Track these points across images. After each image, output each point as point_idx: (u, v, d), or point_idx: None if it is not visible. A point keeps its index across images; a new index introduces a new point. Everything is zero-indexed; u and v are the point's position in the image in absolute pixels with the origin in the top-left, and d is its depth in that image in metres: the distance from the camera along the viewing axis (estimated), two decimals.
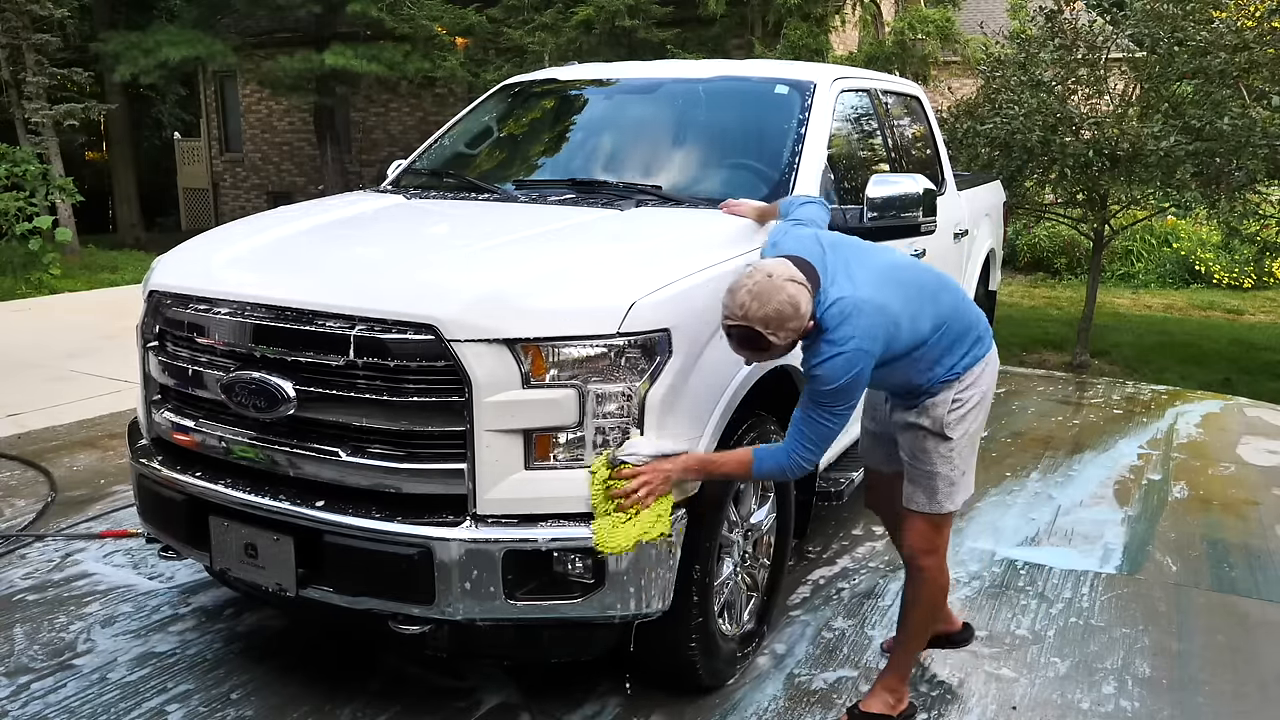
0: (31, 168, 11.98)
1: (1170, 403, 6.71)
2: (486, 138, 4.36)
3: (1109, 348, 9.07)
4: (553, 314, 2.47)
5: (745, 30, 13.02)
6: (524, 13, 13.10)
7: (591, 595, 2.51)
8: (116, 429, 5.47)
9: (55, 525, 4.22)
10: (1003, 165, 7.83)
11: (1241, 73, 7.36)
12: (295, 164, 19.42)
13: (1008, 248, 9.31)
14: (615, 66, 4.57)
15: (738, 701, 2.99)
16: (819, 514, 3.74)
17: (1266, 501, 4.82)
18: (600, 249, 2.91)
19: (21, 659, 3.16)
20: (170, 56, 14.56)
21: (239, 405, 2.68)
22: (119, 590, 3.64)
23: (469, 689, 3.02)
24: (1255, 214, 8.03)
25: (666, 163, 3.79)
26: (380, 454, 2.55)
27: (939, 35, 12.58)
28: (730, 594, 3.02)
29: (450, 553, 2.43)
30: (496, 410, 2.42)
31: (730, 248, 2.97)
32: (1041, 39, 8.24)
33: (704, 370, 2.64)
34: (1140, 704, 3.05)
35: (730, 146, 3.83)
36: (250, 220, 3.54)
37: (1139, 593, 3.80)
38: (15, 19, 13.26)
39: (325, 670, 3.14)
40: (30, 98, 13.52)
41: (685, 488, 2.59)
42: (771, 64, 4.45)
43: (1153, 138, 7.17)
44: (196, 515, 2.79)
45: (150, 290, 3.01)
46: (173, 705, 2.91)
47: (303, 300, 2.62)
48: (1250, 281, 13.17)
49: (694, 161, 3.76)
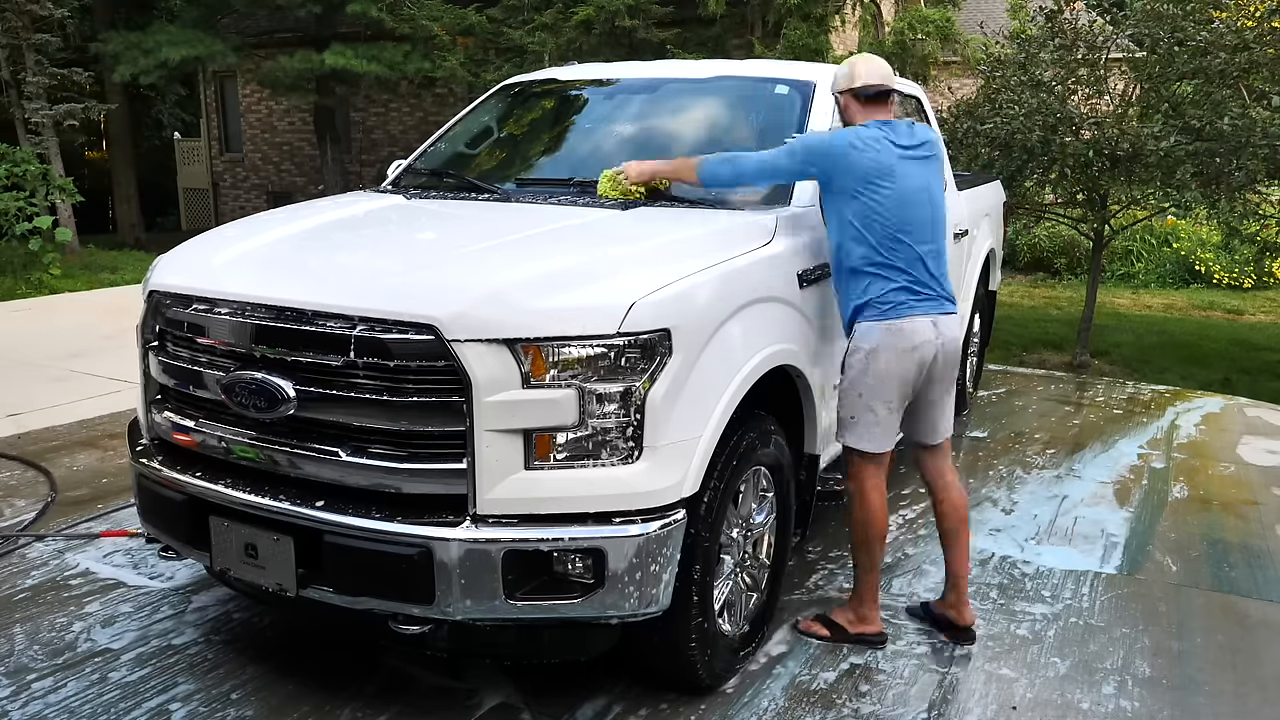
0: (31, 168, 11.98)
1: (1170, 403, 6.71)
2: (486, 138, 4.37)
3: (1109, 348, 9.08)
4: (553, 314, 2.47)
5: (745, 30, 13.02)
6: (524, 13, 13.09)
7: (591, 595, 2.51)
8: (116, 429, 5.47)
9: (55, 525, 4.22)
10: (1003, 165, 7.84)
11: (1241, 73, 7.36)
12: (295, 164, 19.42)
13: (1008, 248, 9.31)
14: (615, 66, 4.57)
15: (737, 701, 2.99)
16: (819, 514, 3.74)
17: (1266, 501, 4.83)
18: (600, 249, 2.91)
19: (21, 659, 3.16)
20: (170, 56, 14.56)
21: (239, 405, 2.68)
22: (119, 590, 3.64)
23: (469, 689, 3.02)
24: (1255, 214, 8.03)
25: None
26: (380, 454, 2.55)
27: (939, 35, 12.59)
28: (730, 594, 3.02)
29: (450, 553, 2.43)
30: (496, 410, 2.42)
31: (730, 248, 2.97)
32: (1041, 39, 8.25)
33: (704, 370, 2.64)
34: (1140, 704, 3.05)
35: (730, 146, 3.81)
36: (250, 220, 3.54)
37: (1139, 593, 3.80)
38: (15, 19, 13.26)
39: (325, 670, 3.14)
40: (30, 98, 13.53)
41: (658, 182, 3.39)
42: (771, 64, 4.45)
43: (1153, 138, 7.17)
44: (196, 515, 2.79)
45: (150, 290, 3.00)
46: (173, 705, 2.91)
47: (303, 300, 2.62)
48: (1250, 281, 13.17)
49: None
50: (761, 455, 3.00)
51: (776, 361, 2.98)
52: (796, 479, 3.34)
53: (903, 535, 4.27)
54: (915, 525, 4.38)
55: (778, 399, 3.17)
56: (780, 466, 3.15)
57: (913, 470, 5.08)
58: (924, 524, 4.39)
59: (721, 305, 2.76)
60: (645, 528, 2.51)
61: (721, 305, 2.76)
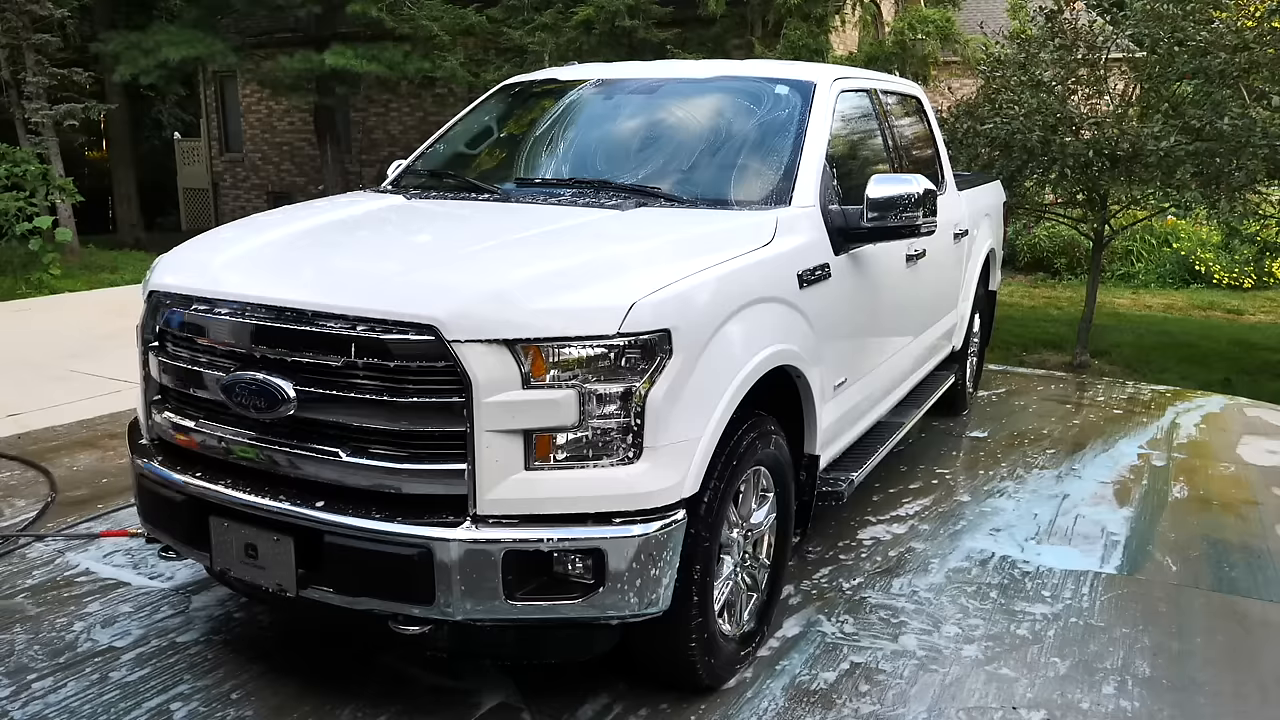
0: (31, 168, 11.98)
1: (1170, 402, 6.71)
2: (486, 138, 4.36)
3: (1109, 348, 9.08)
4: (553, 314, 2.47)
5: (745, 30, 13.02)
6: (524, 13, 13.10)
7: (591, 595, 2.51)
8: (116, 429, 5.47)
9: (55, 525, 4.22)
10: (1003, 165, 7.84)
11: (1241, 73, 7.36)
12: (295, 164, 19.42)
13: (1008, 248, 9.30)
14: (615, 66, 4.57)
15: (737, 701, 2.99)
16: (819, 514, 3.75)
17: (1266, 501, 4.82)
18: (600, 249, 2.91)
19: (21, 659, 3.16)
20: (170, 56, 14.55)
21: (239, 406, 2.68)
22: (119, 590, 3.64)
23: (469, 689, 3.02)
24: (1255, 214, 8.04)
25: (666, 163, 3.78)
26: (380, 454, 2.55)
27: (939, 35, 12.58)
28: (730, 594, 3.02)
29: (450, 553, 2.43)
30: (496, 410, 2.42)
31: (730, 248, 2.97)
32: (1041, 39, 8.25)
33: (704, 370, 2.64)
34: (1140, 704, 3.05)
35: (730, 146, 3.82)
36: (250, 220, 3.54)
37: (1139, 593, 3.80)
38: (15, 19, 13.25)
39: (325, 670, 3.14)
40: (30, 98, 13.52)
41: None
42: (771, 64, 4.45)
43: (1153, 138, 7.18)
44: (196, 515, 2.79)
45: (150, 290, 3.00)
46: (173, 705, 2.91)
47: (303, 301, 2.62)
48: (1250, 281, 13.17)
49: (694, 162, 3.76)
50: (761, 455, 3.00)
51: (777, 362, 2.98)
52: (797, 479, 3.34)
53: (904, 534, 4.27)
54: (916, 524, 4.38)
55: (778, 399, 3.17)
56: (780, 466, 3.15)
57: (913, 469, 5.10)
58: (925, 523, 4.39)
59: (722, 305, 2.76)
60: (645, 528, 2.51)
61: (722, 305, 2.76)
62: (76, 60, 14.98)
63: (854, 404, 3.83)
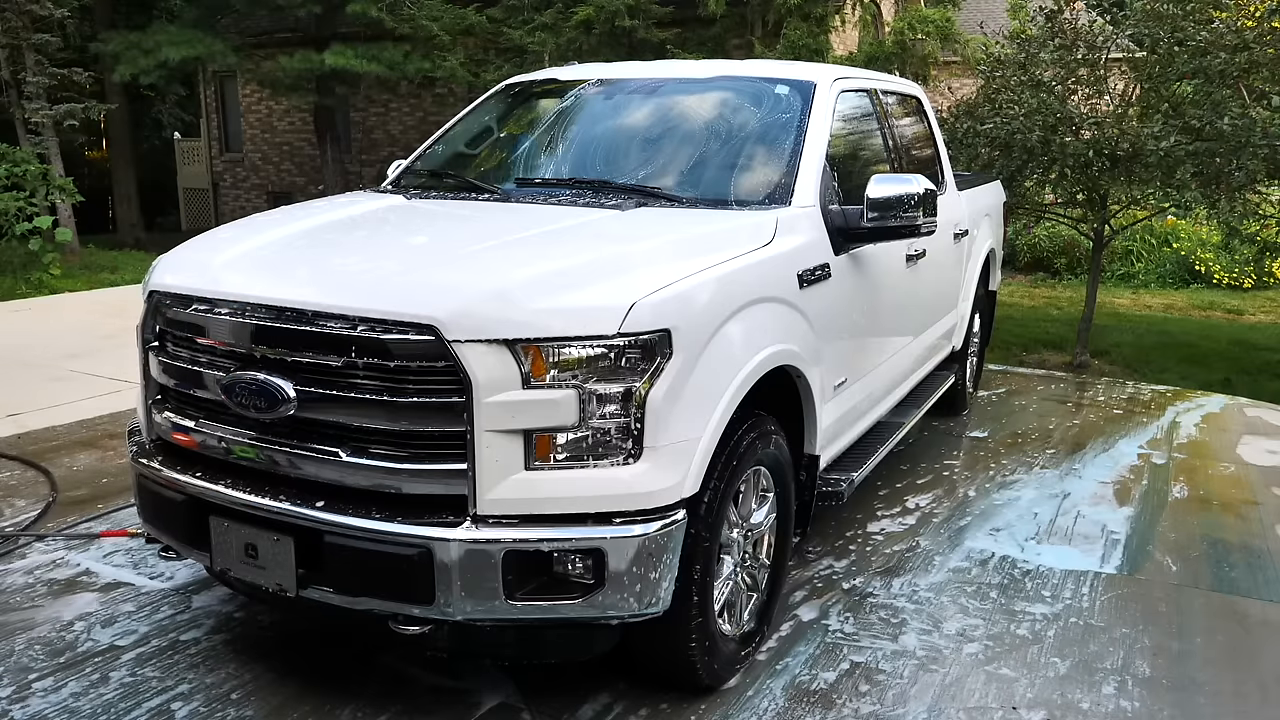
0: (31, 168, 11.98)
1: (1170, 402, 6.71)
2: (487, 138, 4.37)
3: (1109, 348, 9.07)
4: (553, 314, 2.47)
5: (745, 30, 13.02)
6: (524, 13, 13.10)
7: (591, 595, 2.51)
8: (116, 429, 5.47)
9: (56, 525, 4.22)
10: (1003, 165, 7.83)
11: (1241, 73, 7.35)
12: (295, 164, 19.42)
13: (1008, 248, 9.30)
14: (615, 66, 4.57)
15: (737, 701, 2.99)
16: (819, 514, 3.75)
17: (1266, 501, 4.83)
18: (601, 249, 2.91)
19: (22, 659, 3.16)
20: (170, 56, 14.57)
21: (239, 406, 2.68)
22: (119, 590, 3.64)
23: (469, 689, 3.02)
24: (1255, 214, 8.03)
25: (667, 163, 3.78)
26: (380, 454, 2.55)
27: (939, 35, 12.59)
28: (730, 594, 3.02)
29: (450, 553, 2.43)
30: (497, 410, 2.42)
31: (730, 248, 2.97)
32: (1041, 39, 8.24)
33: (704, 370, 2.64)
34: (1140, 704, 3.05)
35: (730, 146, 3.82)
36: (250, 220, 3.54)
37: (1139, 593, 3.80)
38: (15, 19, 13.26)
39: (325, 670, 3.14)
40: (30, 98, 13.52)
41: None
42: (771, 64, 4.45)
43: (1153, 138, 7.17)
44: (197, 515, 2.79)
45: (150, 290, 3.00)
46: (174, 705, 2.91)
47: (303, 301, 2.62)
48: (1250, 281, 13.17)
49: (694, 162, 3.76)
50: (762, 455, 3.00)
51: (777, 362, 2.98)
52: (797, 479, 3.34)
53: (904, 533, 4.27)
54: (917, 524, 4.38)
55: (778, 399, 3.17)
56: (780, 466, 3.15)
57: (914, 468, 5.10)
58: (925, 523, 4.39)
59: (722, 305, 2.76)
60: (645, 528, 2.51)
61: (722, 305, 2.76)
62: (76, 60, 14.99)
63: (854, 404, 3.83)
